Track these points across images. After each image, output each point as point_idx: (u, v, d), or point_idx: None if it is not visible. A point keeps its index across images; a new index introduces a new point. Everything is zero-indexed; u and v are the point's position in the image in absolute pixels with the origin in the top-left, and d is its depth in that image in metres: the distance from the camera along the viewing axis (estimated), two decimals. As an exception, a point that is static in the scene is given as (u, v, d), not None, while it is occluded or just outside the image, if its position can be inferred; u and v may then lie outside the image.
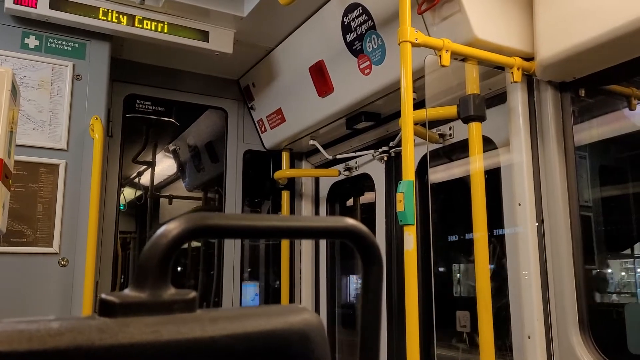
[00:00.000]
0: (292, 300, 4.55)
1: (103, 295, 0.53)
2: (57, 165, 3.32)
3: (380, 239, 3.93)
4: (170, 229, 0.56)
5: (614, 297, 3.34)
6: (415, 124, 2.63)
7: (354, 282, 4.82)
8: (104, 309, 0.52)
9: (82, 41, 3.52)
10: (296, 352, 0.58)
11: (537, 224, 2.67)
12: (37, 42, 3.40)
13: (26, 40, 3.38)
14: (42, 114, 3.34)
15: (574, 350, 2.51)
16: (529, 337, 2.58)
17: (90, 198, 3.28)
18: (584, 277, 2.60)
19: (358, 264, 0.71)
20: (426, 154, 3.24)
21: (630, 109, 3.15)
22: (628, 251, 3.45)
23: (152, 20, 3.52)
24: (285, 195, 4.70)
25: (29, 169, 3.23)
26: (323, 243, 4.68)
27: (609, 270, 3.32)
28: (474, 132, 2.70)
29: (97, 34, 3.52)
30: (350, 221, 0.67)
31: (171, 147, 6.11)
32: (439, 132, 3.41)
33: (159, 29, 3.53)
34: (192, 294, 0.56)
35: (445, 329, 3.56)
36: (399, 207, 2.34)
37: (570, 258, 2.61)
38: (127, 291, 0.54)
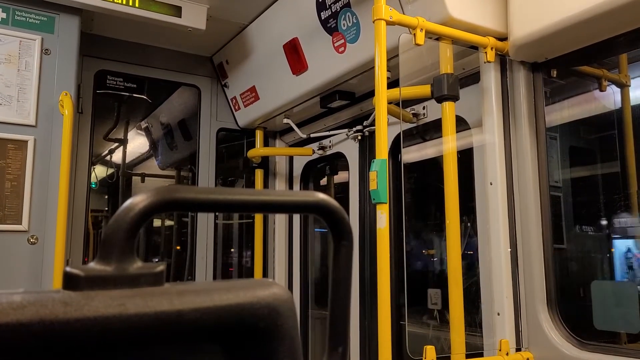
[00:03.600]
0: (265, 276, 4.56)
1: (67, 269, 0.52)
2: (26, 142, 3.25)
3: (354, 218, 3.94)
4: (137, 201, 0.55)
5: (581, 274, 3.41)
6: (389, 103, 2.63)
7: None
8: (68, 282, 0.51)
9: (50, 14, 3.42)
10: (265, 326, 0.58)
11: (507, 202, 2.71)
12: (4, 15, 3.30)
13: (-8, 13, 3.28)
14: (10, 88, 3.25)
15: (541, 326, 2.57)
16: (498, 314, 2.63)
17: (60, 175, 3.22)
18: (552, 255, 2.65)
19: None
20: (400, 133, 3.25)
21: (601, 90, 3.20)
22: (596, 230, 3.52)
23: (123, -7, 3.44)
24: (259, 173, 4.68)
25: (-5, 145, 3.16)
26: (297, 219, 4.68)
27: (577, 249, 3.39)
28: (447, 112, 2.71)
29: (67, 7, 3.42)
30: (320, 195, 0.66)
31: (143, 124, 6.02)
32: (412, 112, 3.42)
33: (130, 3, 3.45)
34: (160, 267, 0.55)
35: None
36: (372, 186, 2.35)
37: (539, 237, 2.65)
38: (92, 264, 0.53)
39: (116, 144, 6.06)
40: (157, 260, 6.35)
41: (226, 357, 0.56)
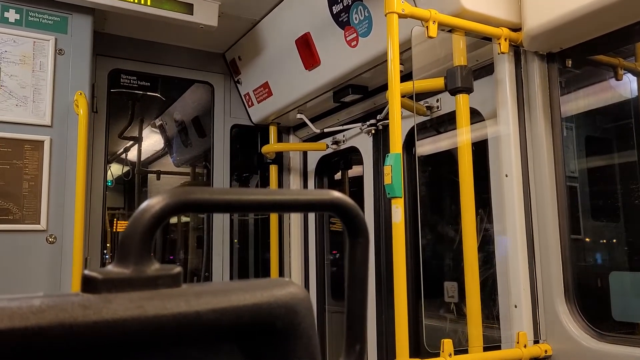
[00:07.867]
0: (281, 274, 4.57)
1: (86, 272, 0.52)
2: (42, 142, 3.28)
3: (369, 212, 3.94)
4: (152, 204, 0.55)
5: (599, 265, 3.38)
6: (403, 96, 2.62)
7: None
8: (87, 285, 0.52)
9: (63, 15, 3.45)
10: (282, 325, 0.58)
11: (523, 194, 2.69)
12: (18, 16, 3.33)
13: (6, 14, 3.30)
14: (25, 89, 3.29)
15: (559, 318, 2.55)
16: (516, 307, 2.62)
17: (77, 174, 3.25)
18: (569, 246, 2.63)
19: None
20: (414, 126, 3.24)
21: (617, 79, 3.16)
22: (613, 220, 3.48)
23: (134, -8, 3.46)
24: (273, 169, 4.69)
25: (13, 145, 3.19)
26: (312, 217, 4.68)
27: (594, 240, 3.36)
28: (462, 104, 2.70)
29: (79, 7, 3.45)
30: (335, 193, 0.66)
31: (158, 122, 6.06)
32: (426, 105, 3.40)
33: (142, 2, 3.46)
34: (177, 268, 0.56)
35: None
36: (387, 180, 2.34)
37: (556, 228, 2.63)
38: (110, 267, 0.54)
39: (131, 142, 6.10)
40: (172, 258, 6.40)
41: (244, 357, 0.57)
